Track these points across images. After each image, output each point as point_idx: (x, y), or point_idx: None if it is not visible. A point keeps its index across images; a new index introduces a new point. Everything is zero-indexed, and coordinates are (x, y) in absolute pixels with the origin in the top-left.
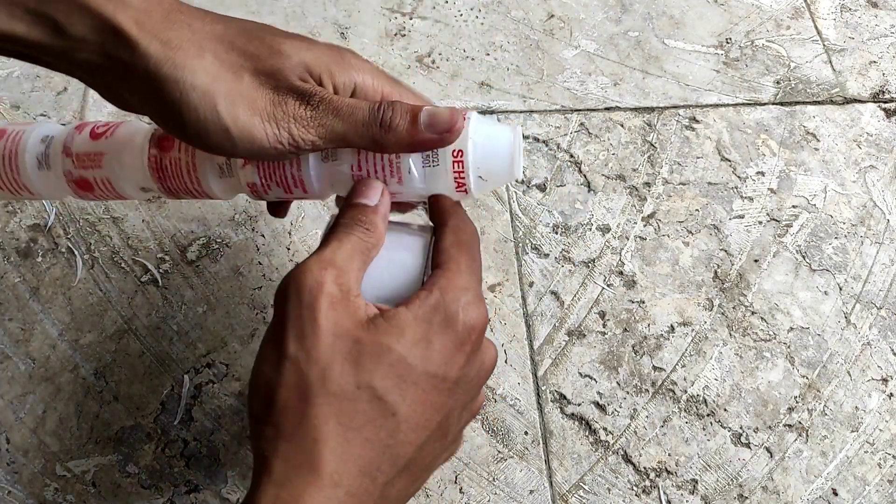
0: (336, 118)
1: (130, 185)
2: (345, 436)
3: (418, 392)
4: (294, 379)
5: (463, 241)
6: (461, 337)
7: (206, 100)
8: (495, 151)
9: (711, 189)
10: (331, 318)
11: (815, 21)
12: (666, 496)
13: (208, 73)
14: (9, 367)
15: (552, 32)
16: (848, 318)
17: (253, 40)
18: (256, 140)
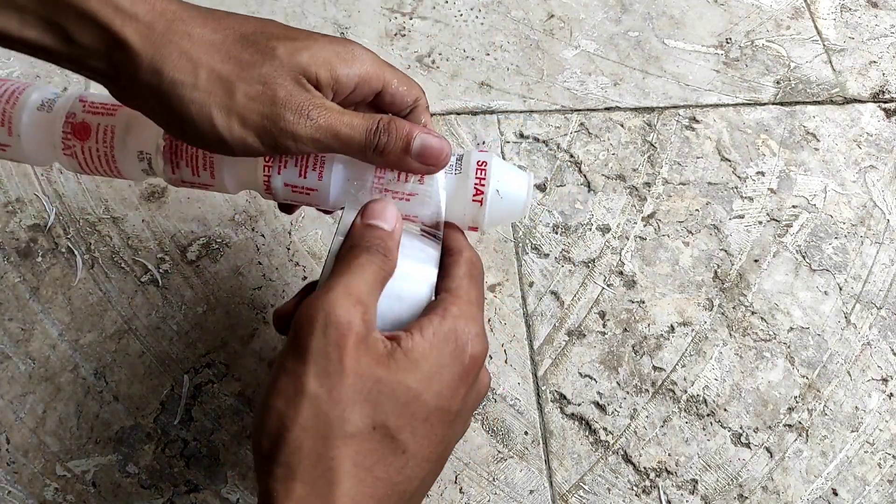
0: (333, 138)
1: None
2: (358, 476)
3: (427, 427)
4: (312, 418)
5: (475, 276)
6: (466, 368)
7: (203, 112)
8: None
9: (711, 189)
10: (355, 357)
11: (815, 21)
12: (666, 496)
13: (203, 88)
14: (9, 367)
15: (552, 32)
16: (848, 318)
17: (249, 47)
18: (251, 148)
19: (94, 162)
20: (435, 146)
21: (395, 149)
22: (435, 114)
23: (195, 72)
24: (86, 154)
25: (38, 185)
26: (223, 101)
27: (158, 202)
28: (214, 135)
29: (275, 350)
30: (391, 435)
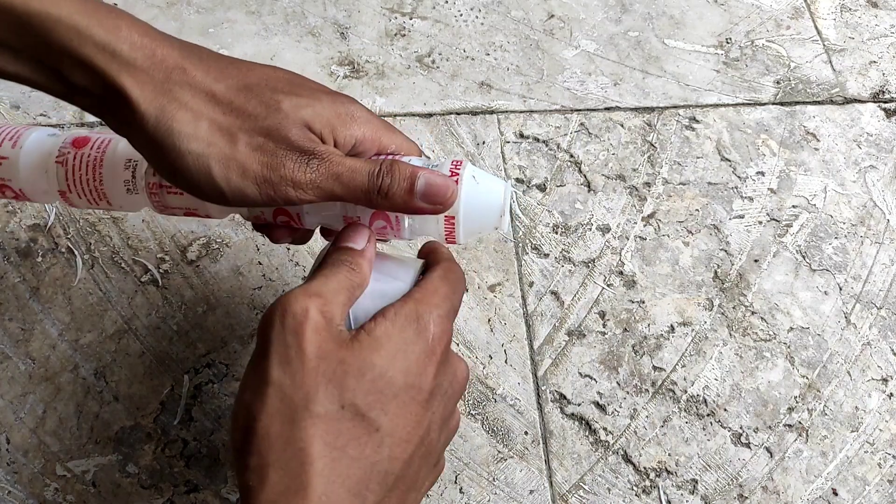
0: (336, 182)
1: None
2: (331, 455)
3: (398, 405)
4: (277, 404)
5: (449, 278)
6: (430, 346)
7: (200, 163)
8: (485, 208)
9: (711, 189)
10: (314, 342)
11: (815, 21)
12: (666, 496)
13: (202, 139)
14: (9, 367)
15: (552, 32)
16: (848, 318)
17: (252, 99)
18: (248, 199)
19: (81, 170)
20: (440, 184)
21: (399, 190)
22: (435, 114)
23: (195, 122)
24: (76, 161)
25: None
26: (223, 152)
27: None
28: (211, 186)
29: None
30: (361, 413)
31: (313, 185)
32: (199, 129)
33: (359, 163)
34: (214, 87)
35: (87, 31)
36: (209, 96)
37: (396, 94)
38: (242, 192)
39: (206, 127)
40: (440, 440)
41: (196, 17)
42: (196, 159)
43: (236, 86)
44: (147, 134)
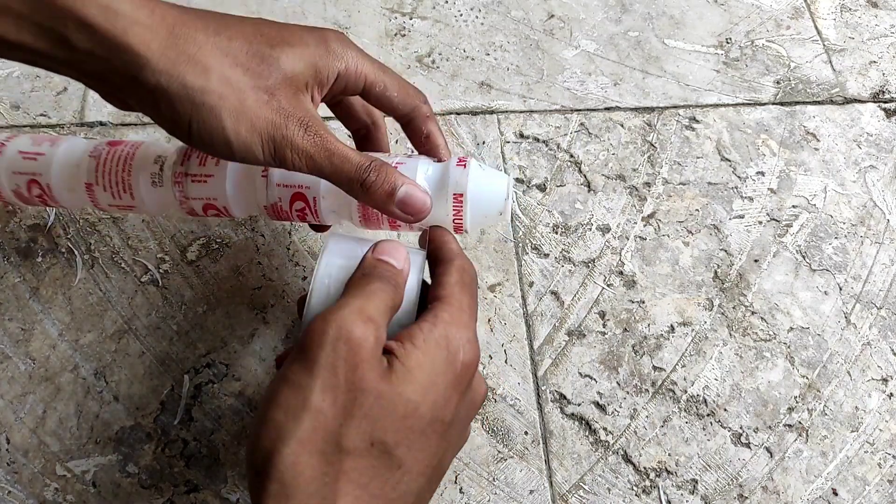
0: (327, 160)
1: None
2: (354, 494)
3: (423, 440)
4: (310, 433)
5: (466, 283)
6: (459, 375)
7: (213, 115)
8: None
9: (711, 189)
10: (363, 375)
11: (815, 21)
12: (666, 496)
13: (214, 92)
14: (9, 367)
15: (552, 32)
16: (848, 318)
17: (254, 56)
18: (252, 154)
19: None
20: (418, 199)
21: (380, 190)
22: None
23: (206, 75)
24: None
25: None
26: (234, 105)
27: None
28: (221, 137)
29: (275, 350)
30: (388, 451)
31: (307, 154)
32: (210, 81)
33: (352, 152)
34: (217, 41)
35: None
36: (215, 50)
37: None
38: (248, 147)
39: (216, 80)
40: (450, 461)
41: None
42: (209, 111)
43: (238, 42)
44: (158, 89)
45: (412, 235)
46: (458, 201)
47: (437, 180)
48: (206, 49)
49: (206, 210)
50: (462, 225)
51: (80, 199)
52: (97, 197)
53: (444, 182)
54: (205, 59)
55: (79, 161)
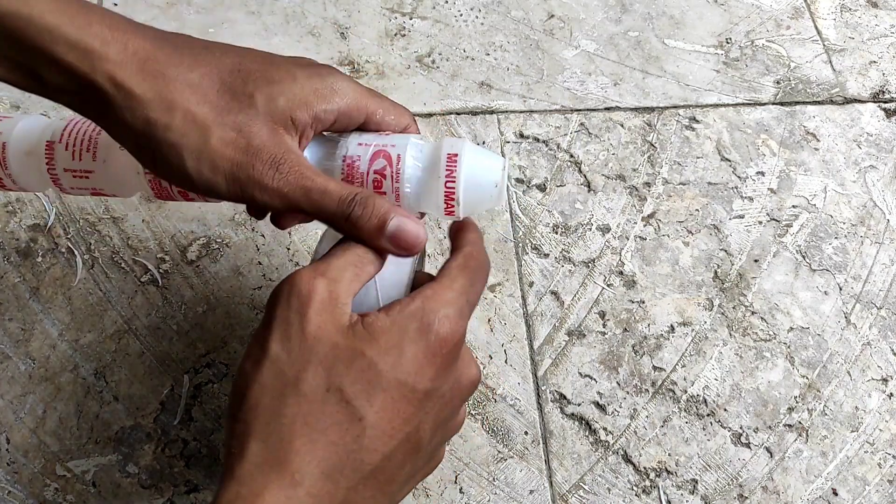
0: (304, 197)
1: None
2: (310, 437)
3: (387, 399)
4: (271, 378)
5: (469, 266)
6: (432, 348)
7: (174, 153)
8: (484, 182)
9: (711, 189)
10: (315, 322)
11: (815, 21)
12: (666, 496)
13: (176, 130)
14: (9, 367)
15: (552, 32)
16: (848, 318)
17: (225, 92)
18: (218, 193)
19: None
20: (410, 233)
21: (368, 225)
22: (435, 114)
23: (170, 113)
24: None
25: None
26: (196, 144)
27: (158, 202)
28: (183, 176)
29: None
30: (346, 400)
31: (279, 194)
32: (174, 119)
33: (332, 184)
34: (189, 76)
35: (58, 29)
36: (184, 86)
37: (396, 94)
38: (212, 186)
39: (180, 117)
40: (433, 440)
41: (196, 18)
42: (170, 149)
43: (209, 76)
44: (125, 125)
45: None
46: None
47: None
48: (175, 85)
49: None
50: (454, 213)
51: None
52: (58, 157)
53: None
54: (171, 95)
55: (46, 124)
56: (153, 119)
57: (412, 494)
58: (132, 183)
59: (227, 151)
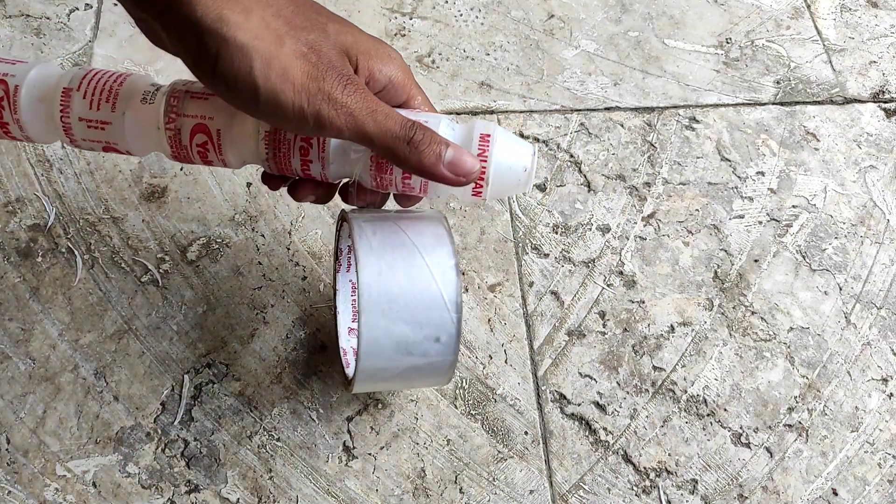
0: (369, 117)
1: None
2: None
3: None
4: None
5: None
6: None
7: (242, 55)
8: (513, 167)
9: (711, 189)
10: None
11: (815, 21)
12: (666, 496)
13: (250, 31)
14: (9, 367)
15: (552, 32)
16: (848, 318)
17: (299, 14)
18: (281, 105)
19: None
20: (467, 161)
21: (429, 150)
22: None
23: (246, 14)
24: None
25: (38, 185)
26: (269, 48)
27: (158, 202)
28: (248, 81)
29: (275, 350)
30: None
31: (347, 111)
32: (249, 21)
33: (394, 111)
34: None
35: None
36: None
37: None
38: (276, 95)
39: (255, 21)
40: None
41: None
42: (239, 49)
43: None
44: (190, 23)
45: None
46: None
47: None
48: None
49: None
50: (481, 195)
51: (49, 110)
52: (75, 106)
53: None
54: (248, 2)
55: (63, 72)
56: (226, 17)
57: (412, 494)
58: (150, 139)
59: (301, 62)
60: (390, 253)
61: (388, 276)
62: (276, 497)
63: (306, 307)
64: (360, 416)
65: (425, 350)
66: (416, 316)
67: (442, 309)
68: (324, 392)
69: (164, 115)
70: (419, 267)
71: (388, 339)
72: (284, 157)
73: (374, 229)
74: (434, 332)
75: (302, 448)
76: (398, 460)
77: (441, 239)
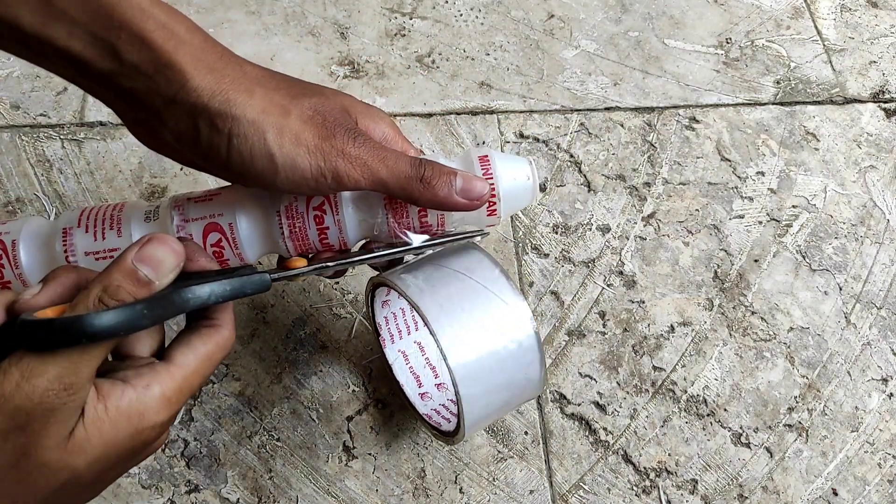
0: (381, 163)
1: None
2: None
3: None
4: None
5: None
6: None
7: (255, 129)
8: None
9: (711, 189)
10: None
11: (815, 21)
12: (666, 496)
13: (257, 107)
14: None
15: (552, 32)
16: (848, 318)
17: (295, 86)
18: (299, 169)
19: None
20: (477, 184)
21: (440, 182)
22: (435, 114)
23: (249, 93)
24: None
25: (38, 185)
26: (278, 120)
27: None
28: (264, 154)
29: (274, 350)
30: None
31: (361, 162)
32: (254, 98)
33: (402, 153)
34: (262, 72)
35: (149, 9)
36: (259, 76)
37: (396, 94)
38: (293, 160)
39: (259, 97)
40: None
41: (196, 17)
42: (251, 124)
43: (280, 76)
44: (196, 107)
45: None
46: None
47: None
48: (251, 75)
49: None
50: (496, 208)
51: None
52: (75, 242)
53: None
54: (248, 83)
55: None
56: (232, 98)
57: (412, 494)
58: None
59: (309, 126)
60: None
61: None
62: (276, 497)
63: (306, 307)
64: (360, 415)
65: (519, 391)
66: (505, 367)
67: (509, 313)
68: (324, 392)
69: (172, 224)
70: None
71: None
72: (301, 231)
73: (415, 274)
74: (511, 336)
75: (302, 448)
76: (398, 460)
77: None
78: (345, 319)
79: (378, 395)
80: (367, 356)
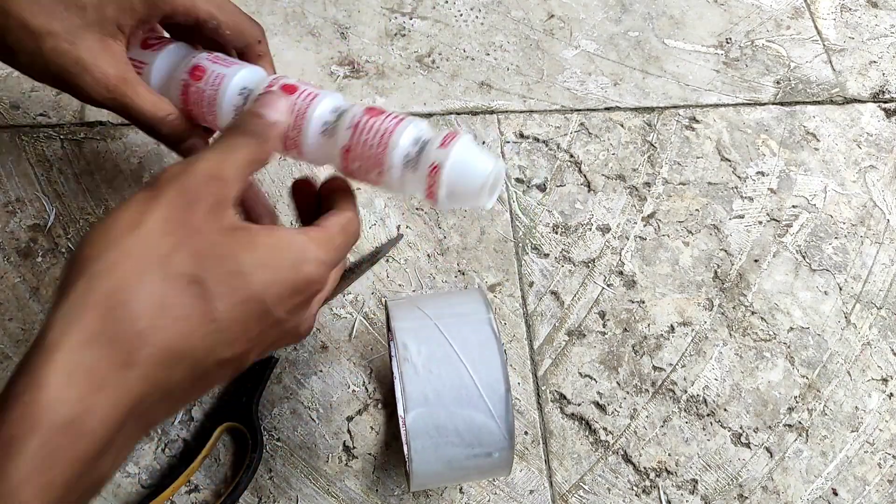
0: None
1: None
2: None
3: (244, 311)
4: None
5: (348, 231)
6: (298, 284)
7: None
8: (469, 177)
9: (711, 189)
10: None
11: (815, 21)
12: (666, 496)
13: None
14: (9, 367)
15: (552, 32)
16: (848, 318)
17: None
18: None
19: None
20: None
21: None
22: (435, 114)
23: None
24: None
25: (38, 185)
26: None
27: None
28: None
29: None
30: (207, 298)
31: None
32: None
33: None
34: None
35: None
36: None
37: (396, 94)
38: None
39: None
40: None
41: None
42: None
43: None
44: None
45: None
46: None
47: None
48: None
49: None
50: (434, 197)
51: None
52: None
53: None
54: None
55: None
56: None
57: (413, 495)
58: None
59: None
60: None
61: (436, 403)
62: (276, 497)
63: None
64: (360, 415)
65: (478, 465)
66: (465, 439)
67: (492, 430)
68: (324, 392)
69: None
70: (467, 388)
71: (439, 461)
72: None
73: (419, 344)
74: (486, 450)
75: (302, 448)
76: (398, 460)
77: (489, 347)
78: (345, 319)
79: (378, 394)
80: (368, 356)
